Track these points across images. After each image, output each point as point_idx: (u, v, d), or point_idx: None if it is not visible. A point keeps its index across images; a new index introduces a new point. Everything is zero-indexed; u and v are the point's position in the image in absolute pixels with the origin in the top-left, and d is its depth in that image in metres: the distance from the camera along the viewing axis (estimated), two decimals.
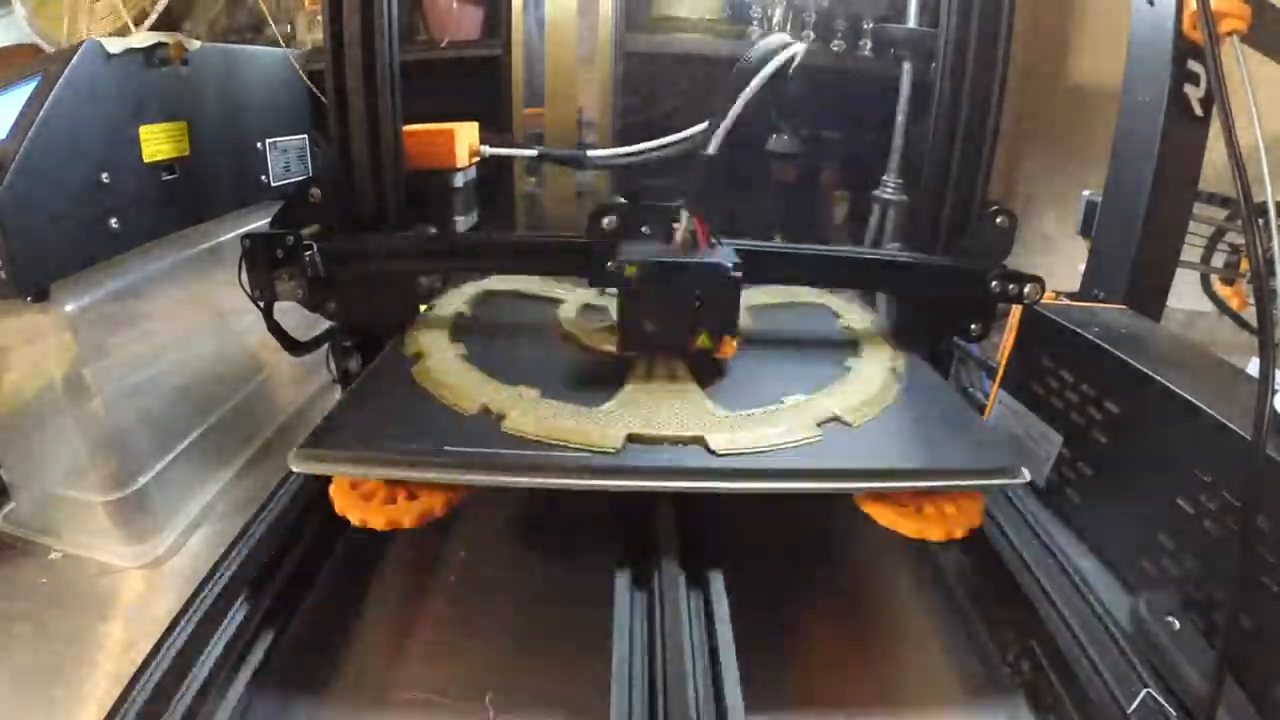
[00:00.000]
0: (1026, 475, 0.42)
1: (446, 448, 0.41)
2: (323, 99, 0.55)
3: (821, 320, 0.59)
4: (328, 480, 0.43)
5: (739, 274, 0.48)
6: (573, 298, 0.64)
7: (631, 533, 0.46)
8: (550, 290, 0.66)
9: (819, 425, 0.45)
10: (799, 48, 0.48)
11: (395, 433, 0.43)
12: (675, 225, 0.50)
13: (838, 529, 0.57)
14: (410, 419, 0.44)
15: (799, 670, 0.45)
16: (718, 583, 0.42)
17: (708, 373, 0.51)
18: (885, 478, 0.42)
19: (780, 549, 0.55)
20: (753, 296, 0.66)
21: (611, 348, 0.53)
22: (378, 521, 0.41)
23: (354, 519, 0.41)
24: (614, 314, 0.56)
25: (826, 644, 0.48)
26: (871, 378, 0.51)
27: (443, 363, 0.51)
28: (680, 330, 0.49)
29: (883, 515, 0.43)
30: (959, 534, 0.43)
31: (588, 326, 0.58)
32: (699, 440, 0.43)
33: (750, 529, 0.52)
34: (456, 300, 0.63)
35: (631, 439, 0.42)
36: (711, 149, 0.49)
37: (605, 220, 0.52)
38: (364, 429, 0.43)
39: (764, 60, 0.48)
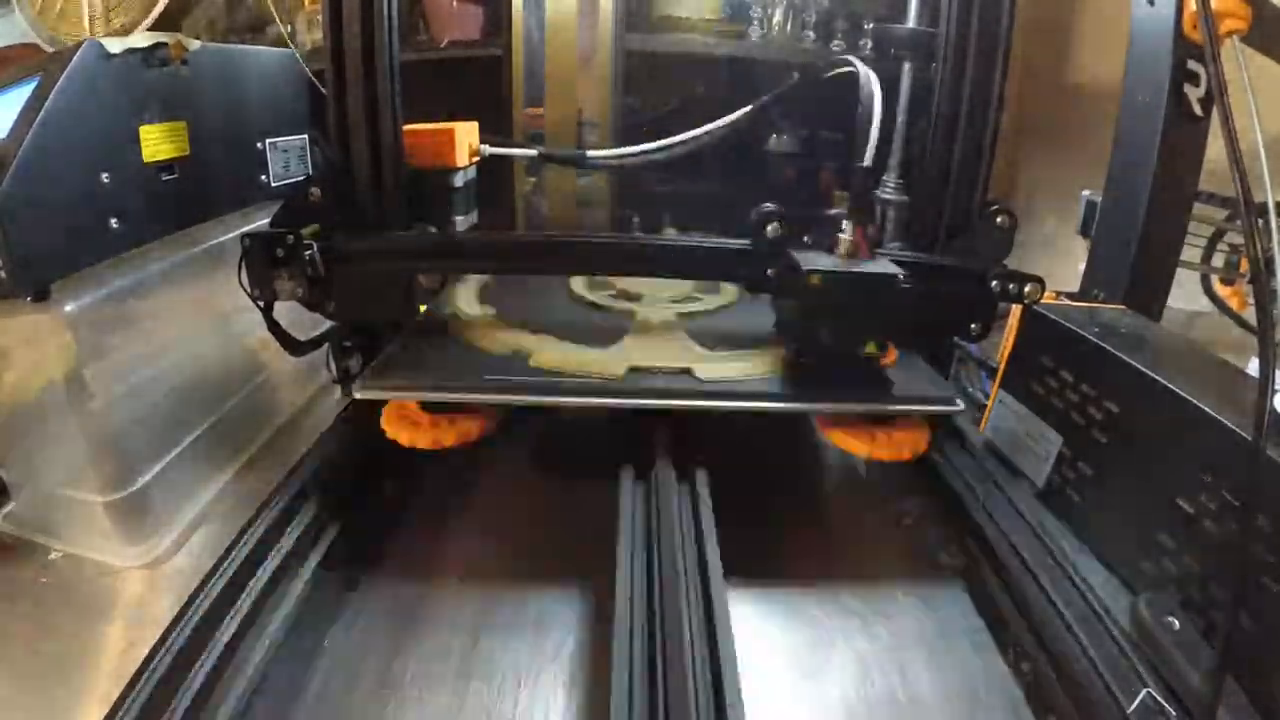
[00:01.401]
0: (960, 405, 0.51)
1: (486, 376, 0.51)
2: (324, 91, 0.55)
3: None
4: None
5: (908, 285, 0.49)
6: None
7: (634, 444, 0.55)
8: None
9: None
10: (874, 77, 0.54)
11: (443, 368, 0.53)
12: (840, 235, 0.51)
13: (804, 456, 0.68)
14: (453, 359, 0.55)
15: (766, 546, 0.55)
16: (703, 478, 0.51)
17: (694, 323, 0.62)
18: (837, 399, 0.52)
19: (756, 463, 0.65)
20: None
21: (614, 305, 0.66)
22: (424, 441, 0.51)
23: (403, 440, 0.52)
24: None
25: (793, 534, 0.57)
26: None
27: (476, 318, 0.61)
28: (852, 337, 0.51)
29: (840, 439, 0.53)
30: (905, 456, 0.52)
31: (596, 292, 0.69)
32: (687, 370, 0.53)
33: (732, 450, 0.58)
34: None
35: (633, 369, 0.53)
36: (867, 160, 0.52)
37: (769, 227, 0.52)
38: (415, 366, 0.53)
39: (871, 97, 0.51)
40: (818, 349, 0.52)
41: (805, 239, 0.53)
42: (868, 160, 0.51)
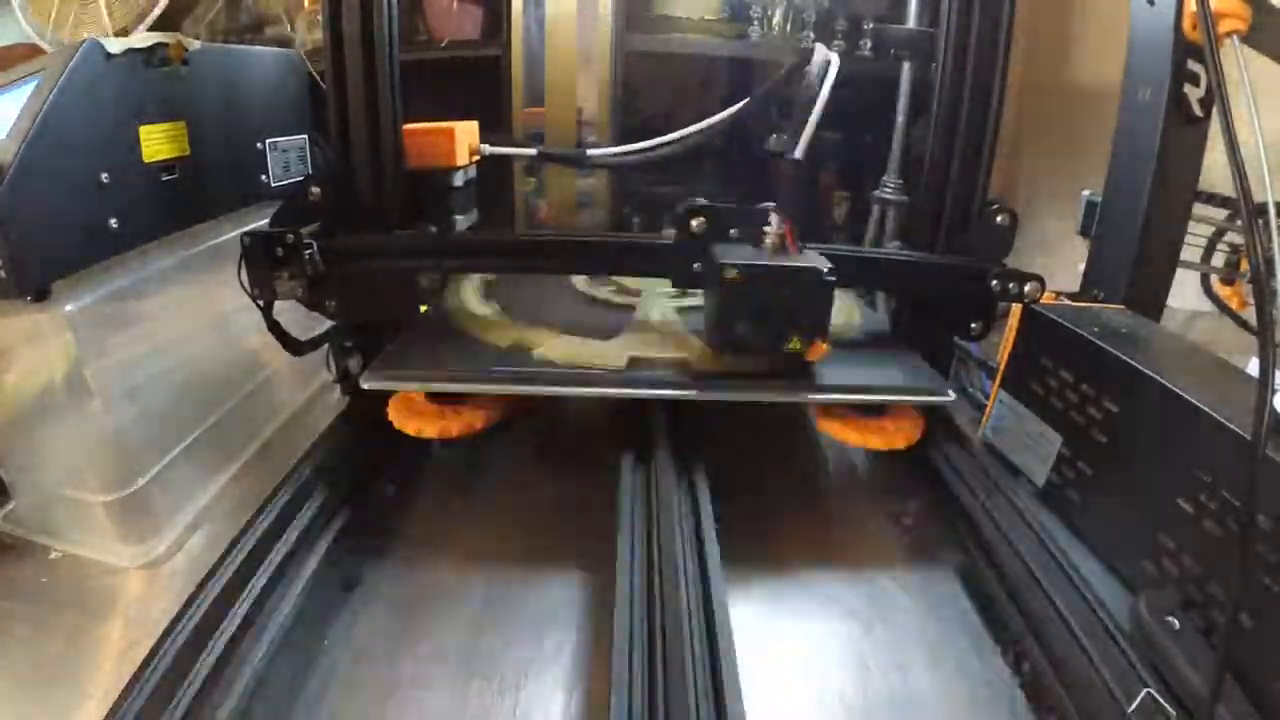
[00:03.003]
0: (951, 395, 0.51)
1: (490, 368, 0.53)
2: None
3: None
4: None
5: (833, 279, 0.49)
6: None
7: (634, 432, 0.57)
8: None
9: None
10: (835, 59, 0.52)
11: (448, 359, 0.54)
12: (766, 229, 0.50)
13: (799, 444, 0.69)
14: (459, 351, 0.56)
15: (763, 534, 0.55)
16: (699, 467, 0.52)
17: (691, 318, 0.60)
18: (832, 390, 0.52)
19: (753, 453, 0.66)
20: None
21: (614, 299, 0.67)
22: (431, 431, 0.53)
23: (410, 430, 0.54)
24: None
25: (787, 519, 0.58)
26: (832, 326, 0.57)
27: (479, 312, 0.62)
28: (774, 333, 0.50)
29: (835, 429, 0.55)
30: (899, 445, 0.54)
31: (596, 288, 0.70)
32: (684, 361, 0.54)
33: (728, 437, 0.64)
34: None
35: (633, 361, 0.54)
36: (798, 153, 0.51)
37: (695, 221, 0.52)
38: (421, 357, 0.54)
39: (821, 76, 0.50)
40: (738, 345, 0.50)
41: (732, 233, 0.52)
42: (799, 153, 0.50)
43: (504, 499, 0.59)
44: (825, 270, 0.48)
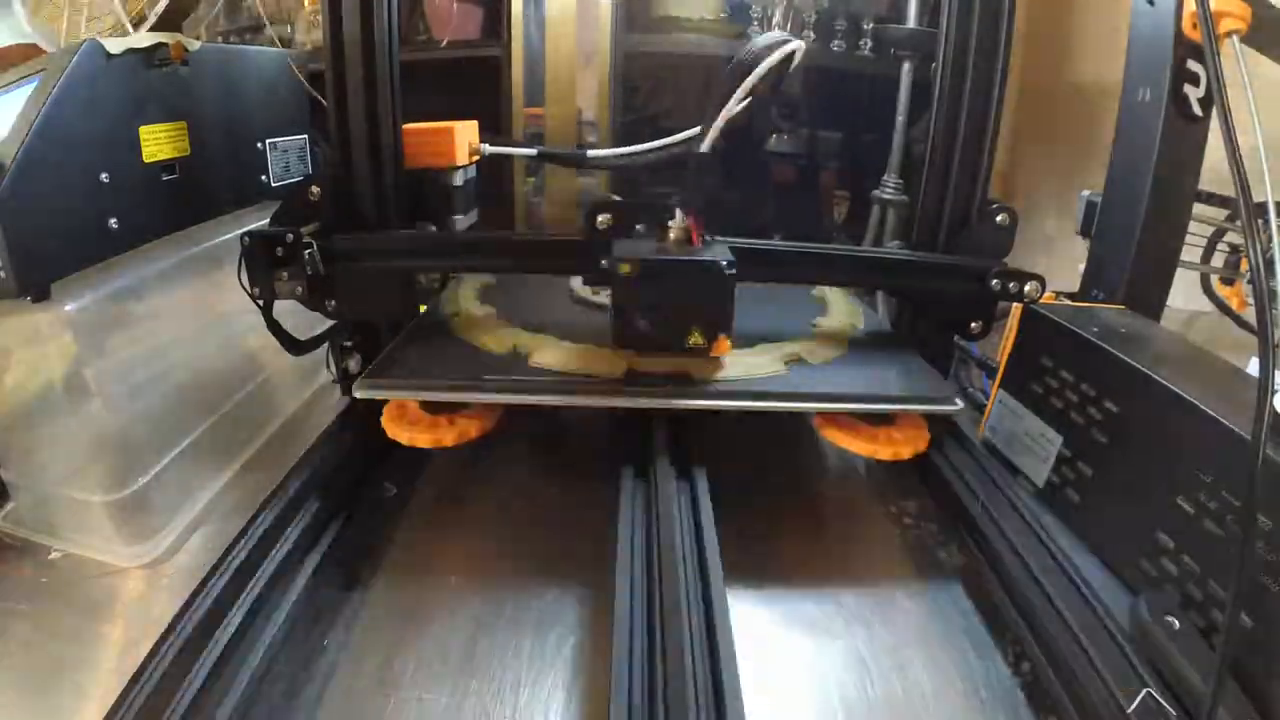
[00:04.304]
0: (959, 404, 0.50)
1: (486, 376, 0.51)
2: (322, 100, 0.55)
3: (799, 291, 0.71)
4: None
5: (733, 272, 0.48)
6: None
7: (633, 443, 0.55)
8: None
9: (785, 363, 0.55)
10: (797, 45, 0.49)
11: (444, 367, 0.53)
12: (669, 223, 0.50)
13: (803, 455, 0.68)
14: (454, 357, 0.55)
15: (765, 543, 0.55)
16: (701, 476, 0.51)
17: None
18: (835, 400, 0.51)
19: (755, 462, 0.65)
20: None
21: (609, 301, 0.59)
22: (424, 440, 0.52)
23: (403, 439, 0.52)
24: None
25: (790, 530, 0.57)
26: (832, 332, 0.62)
27: (476, 317, 0.62)
28: (674, 328, 0.50)
29: (839, 438, 0.54)
30: (905, 455, 0.52)
31: (594, 292, 0.68)
32: (685, 371, 0.53)
33: (730, 448, 0.62)
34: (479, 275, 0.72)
35: (631, 369, 0.53)
36: (705, 146, 0.49)
37: (600, 218, 0.52)
38: (415, 364, 0.53)
39: (759, 58, 0.48)
40: (639, 342, 0.51)
41: (638, 228, 0.52)
42: (706, 146, 0.50)
43: (500, 504, 0.59)
44: (725, 263, 0.48)
